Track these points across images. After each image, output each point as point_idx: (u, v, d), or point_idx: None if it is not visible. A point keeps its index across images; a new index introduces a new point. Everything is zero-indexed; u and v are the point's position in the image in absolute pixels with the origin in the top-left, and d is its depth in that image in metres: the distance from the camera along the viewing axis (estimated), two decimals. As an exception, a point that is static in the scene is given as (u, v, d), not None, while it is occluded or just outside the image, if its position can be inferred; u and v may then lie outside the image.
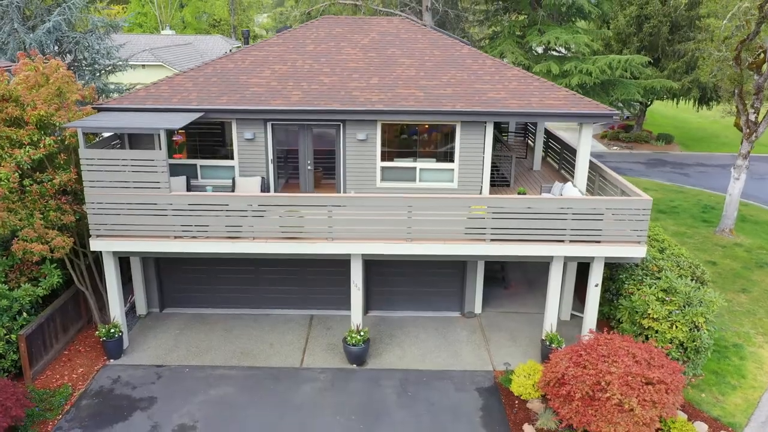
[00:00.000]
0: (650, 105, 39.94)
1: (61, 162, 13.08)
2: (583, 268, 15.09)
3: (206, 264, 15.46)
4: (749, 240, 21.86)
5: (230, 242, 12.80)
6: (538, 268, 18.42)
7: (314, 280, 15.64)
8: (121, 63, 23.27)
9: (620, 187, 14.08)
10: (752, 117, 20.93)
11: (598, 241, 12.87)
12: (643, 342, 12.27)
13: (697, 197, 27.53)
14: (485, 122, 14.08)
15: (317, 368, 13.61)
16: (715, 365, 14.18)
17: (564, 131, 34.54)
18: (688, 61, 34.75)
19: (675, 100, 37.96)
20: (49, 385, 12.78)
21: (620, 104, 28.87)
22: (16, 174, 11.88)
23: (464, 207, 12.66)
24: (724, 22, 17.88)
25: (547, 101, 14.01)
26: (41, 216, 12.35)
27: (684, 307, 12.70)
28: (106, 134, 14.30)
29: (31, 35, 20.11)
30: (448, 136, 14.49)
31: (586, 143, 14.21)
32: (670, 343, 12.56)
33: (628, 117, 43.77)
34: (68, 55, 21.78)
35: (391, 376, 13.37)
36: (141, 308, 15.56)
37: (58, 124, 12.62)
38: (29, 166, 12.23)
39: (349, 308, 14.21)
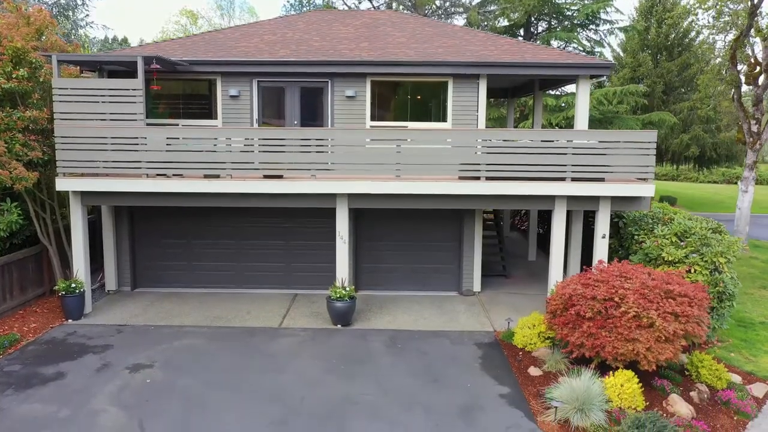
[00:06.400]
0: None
1: (35, 101, 12.50)
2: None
3: (184, 236, 14.42)
4: (765, 255, 20.66)
5: (207, 181, 11.93)
6: (541, 265, 17.18)
7: (299, 255, 14.51)
8: None
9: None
10: (754, 128, 20.58)
11: (602, 179, 11.96)
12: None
13: (705, 235, 26.48)
14: (478, 77, 13.62)
15: (298, 328, 12.19)
16: (743, 334, 12.74)
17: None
18: (685, 118, 35.05)
19: (675, 164, 37.90)
20: (-6, 333, 11.43)
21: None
22: (-17, 99, 11.29)
23: (457, 140, 11.92)
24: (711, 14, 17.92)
25: (541, 55, 13.64)
26: (6, 146, 11.58)
27: (702, 247, 11.51)
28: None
29: None
30: (440, 94, 13.97)
31: (583, 101, 13.64)
32: (690, 290, 11.23)
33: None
34: None
35: (380, 333, 11.92)
36: (111, 284, 14.30)
37: (34, 60, 12.22)
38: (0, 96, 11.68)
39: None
